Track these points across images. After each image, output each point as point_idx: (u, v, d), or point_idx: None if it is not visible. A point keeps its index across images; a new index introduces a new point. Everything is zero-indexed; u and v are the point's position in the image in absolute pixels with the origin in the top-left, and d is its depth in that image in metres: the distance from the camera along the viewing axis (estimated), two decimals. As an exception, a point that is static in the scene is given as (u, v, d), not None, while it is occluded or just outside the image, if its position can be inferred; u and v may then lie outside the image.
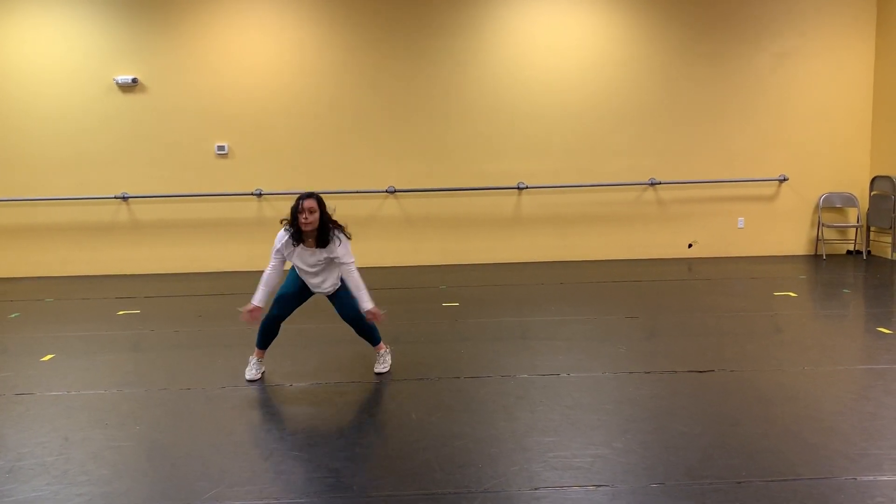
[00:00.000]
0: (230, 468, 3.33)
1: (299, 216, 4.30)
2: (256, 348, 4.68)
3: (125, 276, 8.79)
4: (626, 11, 8.74)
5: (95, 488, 3.16)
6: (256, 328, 4.59)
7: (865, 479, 3.08)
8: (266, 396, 4.35)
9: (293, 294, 4.56)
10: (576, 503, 2.94)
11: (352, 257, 4.46)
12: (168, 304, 7.15)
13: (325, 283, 4.52)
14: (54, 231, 8.86)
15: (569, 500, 2.96)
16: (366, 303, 4.44)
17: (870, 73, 8.87)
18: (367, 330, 4.66)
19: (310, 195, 4.35)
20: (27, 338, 5.87)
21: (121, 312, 6.72)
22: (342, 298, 4.57)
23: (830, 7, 8.76)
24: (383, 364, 4.71)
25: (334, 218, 4.45)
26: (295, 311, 4.63)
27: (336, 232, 4.40)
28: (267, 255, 9.40)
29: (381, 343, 4.77)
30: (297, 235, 4.39)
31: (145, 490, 3.14)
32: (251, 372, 4.63)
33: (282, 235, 4.42)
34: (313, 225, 4.31)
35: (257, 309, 4.40)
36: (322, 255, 4.42)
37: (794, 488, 3.01)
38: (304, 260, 4.43)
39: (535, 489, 3.06)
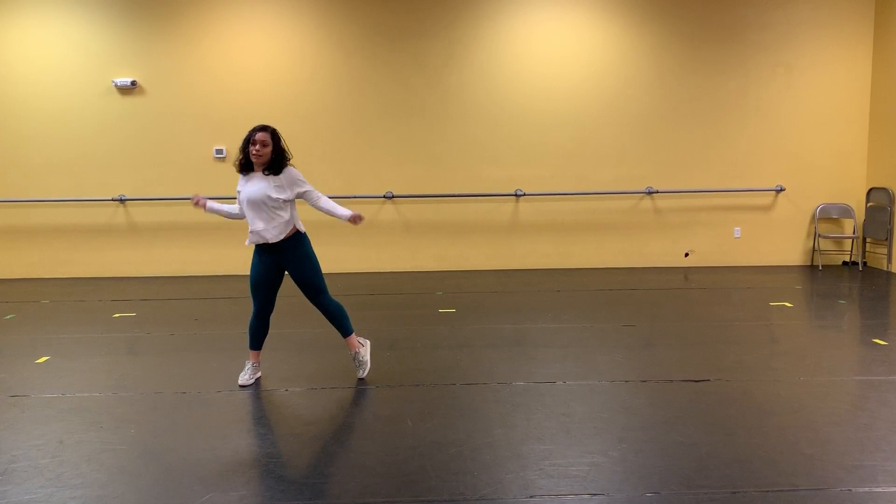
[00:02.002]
0: (224, 472, 3.32)
1: (250, 148, 4.28)
2: (250, 350, 4.65)
3: (121, 278, 8.78)
4: (625, 20, 8.78)
5: (89, 491, 3.15)
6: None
7: (861, 490, 3.08)
8: (261, 401, 4.34)
9: (264, 280, 4.45)
10: (571, 511, 2.94)
11: (309, 184, 4.45)
12: (164, 307, 7.14)
13: (268, 228, 4.30)
14: (51, 233, 8.85)
15: (564, 509, 2.96)
16: (344, 211, 4.42)
17: (867, 85, 8.92)
18: (331, 315, 4.54)
19: (264, 128, 4.31)
20: (22, 339, 5.85)
21: (117, 315, 6.70)
22: (304, 276, 4.44)
23: (828, 18, 8.80)
24: (362, 368, 4.62)
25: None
26: (295, 315, 4.61)
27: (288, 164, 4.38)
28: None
29: (353, 336, 4.65)
30: (247, 166, 4.35)
31: (139, 493, 3.13)
32: (245, 377, 4.60)
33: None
34: (264, 158, 4.28)
35: (204, 203, 4.50)
36: (272, 182, 4.29)
37: (789, 499, 3.01)
38: (253, 186, 4.30)
39: (531, 497, 3.06)
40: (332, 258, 8.22)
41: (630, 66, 8.84)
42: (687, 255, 9.12)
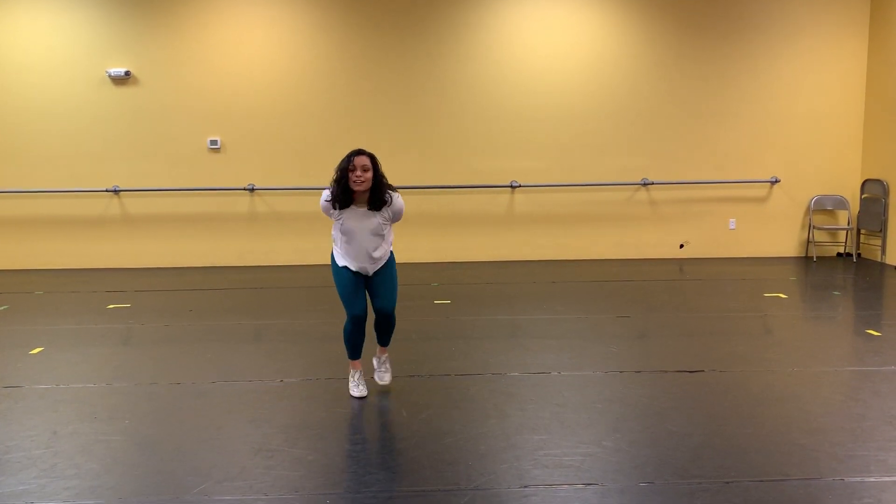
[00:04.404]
0: (219, 463, 3.32)
1: (350, 174, 3.83)
2: (350, 360, 4.28)
3: (116, 269, 8.75)
4: (621, 12, 8.75)
5: (83, 482, 3.15)
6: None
7: (853, 479, 3.10)
8: (256, 392, 4.33)
9: (353, 291, 4.12)
10: (565, 501, 2.95)
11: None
12: (159, 298, 7.13)
13: (378, 251, 4.05)
14: (45, 224, 8.81)
15: (558, 499, 2.97)
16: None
17: (862, 76, 8.91)
18: (389, 327, 4.27)
19: (361, 151, 3.88)
20: (16, 330, 5.84)
21: (111, 306, 6.68)
22: (387, 287, 4.16)
23: (823, 9, 8.78)
24: (388, 375, 4.33)
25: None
26: (290, 306, 4.60)
27: (389, 192, 3.99)
28: (258, 251, 9.41)
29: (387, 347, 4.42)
30: (346, 198, 3.91)
31: (134, 484, 3.13)
32: (358, 388, 4.20)
33: (324, 202, 4.02)
34: (367, 185, 3.85)
35: None
36: (378, 218, 3.98)
37: (782, 489, 3.02)
38: (361, 223, 3.97)
39: (525, 487, 3.06)
40: (327, 250, 8.20)
41: (625, 59, 8.81)
42: (682, 246, 9.13)
